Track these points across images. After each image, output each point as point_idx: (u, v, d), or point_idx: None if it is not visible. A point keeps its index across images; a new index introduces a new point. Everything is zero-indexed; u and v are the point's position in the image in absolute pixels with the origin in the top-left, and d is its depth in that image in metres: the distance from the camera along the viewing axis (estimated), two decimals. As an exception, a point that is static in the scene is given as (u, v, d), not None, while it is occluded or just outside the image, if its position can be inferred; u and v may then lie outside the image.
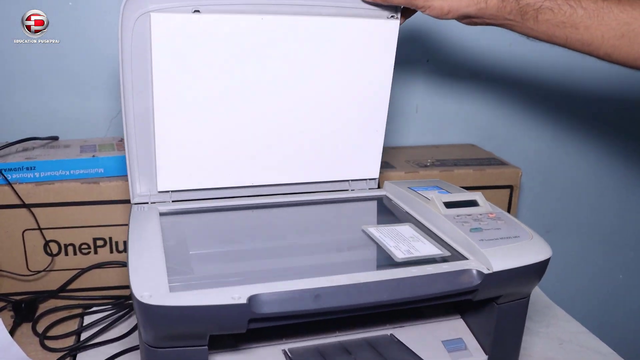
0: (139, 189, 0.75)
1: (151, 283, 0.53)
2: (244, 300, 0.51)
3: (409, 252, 0.65)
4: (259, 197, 0.81)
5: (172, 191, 0.77)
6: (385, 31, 0.78)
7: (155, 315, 0.51)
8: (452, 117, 1.22)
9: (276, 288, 0.53)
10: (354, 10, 0.77)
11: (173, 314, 0.51)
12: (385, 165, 1.03)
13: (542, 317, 0.96)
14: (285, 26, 0.74)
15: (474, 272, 0.60)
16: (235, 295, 0.52)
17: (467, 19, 0.74)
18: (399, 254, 0.64)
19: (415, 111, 1.20)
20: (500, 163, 1.08)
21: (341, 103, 0.80)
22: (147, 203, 0.75)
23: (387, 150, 1.14)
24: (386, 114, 0.83)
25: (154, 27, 0.69)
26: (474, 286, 0.60)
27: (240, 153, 0.78)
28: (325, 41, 0.76)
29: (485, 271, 0.60)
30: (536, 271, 0.64)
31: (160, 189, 0.76)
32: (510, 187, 1.06)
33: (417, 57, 1.16)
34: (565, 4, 0.69)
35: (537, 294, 1.04)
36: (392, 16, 0.78)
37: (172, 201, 0.77)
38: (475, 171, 1.03)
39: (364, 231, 0.72)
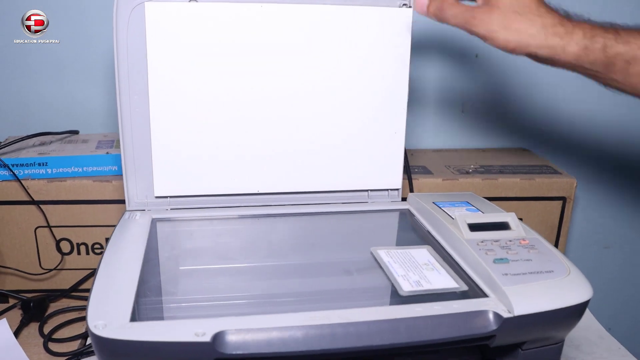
0: (135, 194, 0.71)
1: (111, 310, 0.48)
2: (207, 338, 0.45)
3: (418, 284, 0.56)
4: (265, 206, 0.75)
5: (170, 197, 0.72)
6: (398, 20, 0.72)
7: (107, 348, 0.45)
8: (503, 117, 1.11)
9: (248, 324, 0.46)
10: (362, -3, 0.71)
11: (127, 350, 0.45)
12: (421, 170, 0.94)
13: (593, 348, 0.85)
14: (286, 15, 0.69)
15: (491, 314, 0.50)
16: (199, 330, 0.45)
17: (537, 59, 0.62)
18: (405, 286, 0.55)
19: (461, 111, 1.10)
20: (554, 172, 0.96)
21: (353, 100, 0.74)
22: (144, 210, 0.70)
23: (426, 153, 1.05)
24: (405, 113, 0.75)
25: (148, 17, 0.65)
26: (489, 332, 0.50)
27: (244, 156, 0.72)
28: (332, 32, 0.70)
29: (505, 314, 0.50)
30: (570, 315, 0.53)
31: (157, 194, 0.71)
32: (563, 199, 0.94)
33: (464, 52, 1.06)
34: None
35: (589, 319, 0.92)
36: (404, 4, 0.71)
37: (170, 209, 0.71)
38: (523, 180, 0.92)
39: (372, 254, 0.63)
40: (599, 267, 1.21)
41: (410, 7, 0.72)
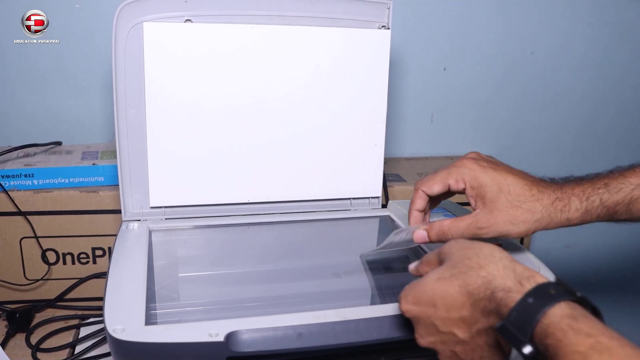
0: (130, 205, 0.73)
1: (126, 315, 0.51)
2: (221, 338, 0.48)
3: None
4: (255, 215, 0.78)
5: (165, 207, 0.74)
6: (377, 41, 0.76)
7: (127, 351, 0.48)
8: (469, 127, 1.18)
9: (256, 324, 0.50)
10: (345, 20, 0.75)
11: (146, 351, 0.48)
12: (395, 178, 0.99)
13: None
14: (276, 36, 0.73)
15: (473, 309, 0.56)
16: (212, 331, 0.49)
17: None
18: None
19: (430, 121, 1.16)
20: (517, 178, 1.02)
21: (337, 115, 0.78)
22: (139, 220, 0.73)
23: (399, 161, 1.10)
24: (384, 126, 0.80)
25: (146, 36, 0.68)
26: (473, 325, 0.55)
27: (236, 168, 0.76)
28: (317, 51, 0.75)
29: (486, 309, 0.56)
30: (542, 308, 0.59)
31: (152, 205, 0.74)
32: (527, 203, 1.01)
33: (433, 65, 1.12)
34: None
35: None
36: (383, 26, 0.76)
37: (165, 218, 0.74)
38: (490, 186, 0.98)
39: (360, 258, 0.68)
40: (560, 265, 1.29)
41: (388, 28, 0.77)
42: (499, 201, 0.59)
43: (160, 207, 0.74)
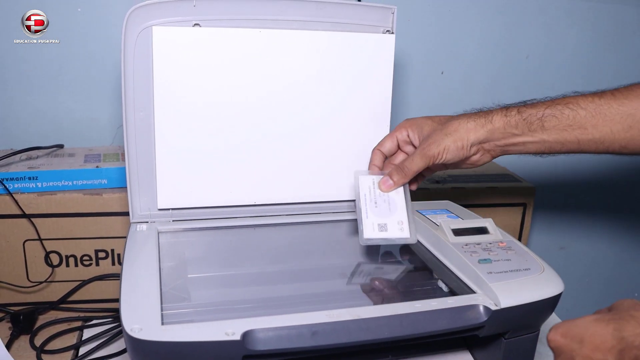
0: (138, 207, 0.74)
1: (143, 314, 0.51)
2: (237, 337, 0.49)
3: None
4: (261, 217, 0.79)
5: (172, 209, 0.75)
6: (382, 45, 0.78)
7: (145, 350, 0.49)
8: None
9: (272, 323, 0.51)
10: (350, 25, 0.77)
11: (164, 350, 0.49)
12: (395, 180, 1.00)
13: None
14: (283, 40, 0.74)
15: (481, 308, 0.57)
16: (229, 330, 0.50)
17: (479, 146, 0.71)
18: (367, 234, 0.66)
19: (428, 123, 1.17)
20: (514, 180, 1.05)
21: (342, 119, 0.79)
22: (147, 222, 0.74)
23: (397, 164, 1.11)
24: (388, 129, 0.81)
25: (155, 40, 0.69)
26: (480, 323, 0.57)
27: (243, 171, 0.77)
28: (323, 55, 0.76)
29: (493, 307, 0.57)
30: (546, 307, 0.61)
31: (160, 207, 0.74)
32: (524, 204, 1.03)
33: (431, 69, 1.13)
34: (566, 108, 0.68)
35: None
36: (387, 31, 0.78)
37: (173, 220, 0.75)
38: (488, 188, 1.00)
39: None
40: (555, 266, 1.31)
41: (392, 33, 0.78)
42: (434, 127, 0.72)
43: (168, 209, 0.75)
